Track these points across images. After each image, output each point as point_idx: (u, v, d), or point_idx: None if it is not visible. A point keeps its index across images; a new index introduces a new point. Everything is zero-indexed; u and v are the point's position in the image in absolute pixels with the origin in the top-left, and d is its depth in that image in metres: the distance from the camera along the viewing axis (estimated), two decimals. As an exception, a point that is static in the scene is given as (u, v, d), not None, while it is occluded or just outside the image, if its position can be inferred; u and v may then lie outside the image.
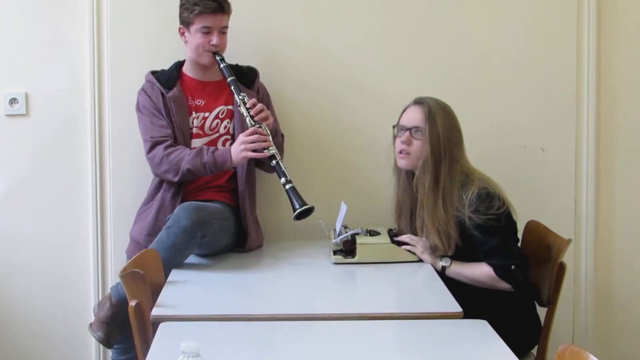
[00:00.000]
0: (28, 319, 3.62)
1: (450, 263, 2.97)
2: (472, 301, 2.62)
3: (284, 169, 3.10)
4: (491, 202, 2.87)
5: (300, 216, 3.04)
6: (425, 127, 2.97)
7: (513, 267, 2.86)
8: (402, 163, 3.05)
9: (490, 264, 2.88)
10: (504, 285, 2.88)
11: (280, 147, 3.31)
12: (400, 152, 3.04)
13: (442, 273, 2.96)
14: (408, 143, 3.01)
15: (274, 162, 3.11)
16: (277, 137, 3.31)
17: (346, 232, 3.10)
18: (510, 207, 2.93)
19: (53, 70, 3.54)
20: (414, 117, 3.01)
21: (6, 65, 3.55)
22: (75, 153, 3.57)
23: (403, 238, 3.11)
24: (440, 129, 2.95)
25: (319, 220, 3.14)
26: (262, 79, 3.43)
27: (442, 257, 2.99)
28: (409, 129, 3.01)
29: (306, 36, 3.59)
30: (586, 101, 3.62)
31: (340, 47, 3.59)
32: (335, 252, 3.08)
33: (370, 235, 3.15)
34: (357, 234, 3.10)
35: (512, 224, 2.96)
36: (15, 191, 3.57)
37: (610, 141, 3.67)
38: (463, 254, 2.97)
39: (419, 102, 3.03)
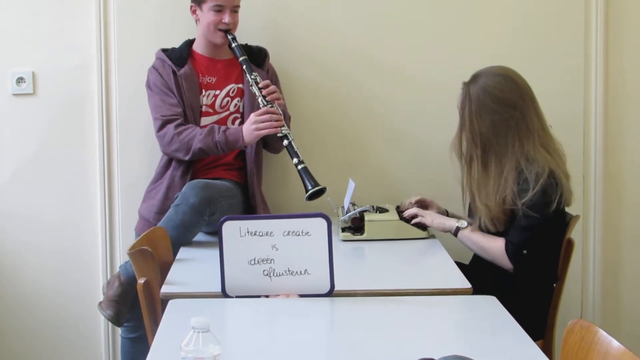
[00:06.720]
0: (37, 297, 3.63)
1: (467, 226, 2.94)
2: (480, 280, 2.62)
3: (296, 149, 3.10)
4: (549, 198, 2.75)
5: (313, 197, 3.04)
6: (461, 113, 2.89)
7: (525, 252, 2.79)
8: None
9: (506, 239, 2.82)
10: (507, 263, 2.81)
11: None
12: None
13: (454, 235, 2.96)
14: None
15: (286, 142, 3.11)
16: (286, 119, 3.31)
17: (354, 210, 3.10)
18: (568, 198, 2.83)
19: (60, 49, 3.53)
20: (458, 100, 2.93)
21: (13, 44, 3.53)
22: (82, 131, 3.56)
23: (410, 212, 3.11)
24: (471, 114, 2.84)
25: (328, 198, 3.14)
26: (270, 55, 3.41)
27: (459, 219, 2.98)
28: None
29: (314, 12, 3.56)
30: (594, 77, 3.60)
31: (347, 23, 3.57)
32: (343, 229, 3.08)
33: (378, 212, 3.16)
34: (366, 211, 3.11)
35: (559, 223, 2.87)
36: (23, 170, 3.57)
37: (619, 118, 3.65)
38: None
39: (466, 82, 2.90)
